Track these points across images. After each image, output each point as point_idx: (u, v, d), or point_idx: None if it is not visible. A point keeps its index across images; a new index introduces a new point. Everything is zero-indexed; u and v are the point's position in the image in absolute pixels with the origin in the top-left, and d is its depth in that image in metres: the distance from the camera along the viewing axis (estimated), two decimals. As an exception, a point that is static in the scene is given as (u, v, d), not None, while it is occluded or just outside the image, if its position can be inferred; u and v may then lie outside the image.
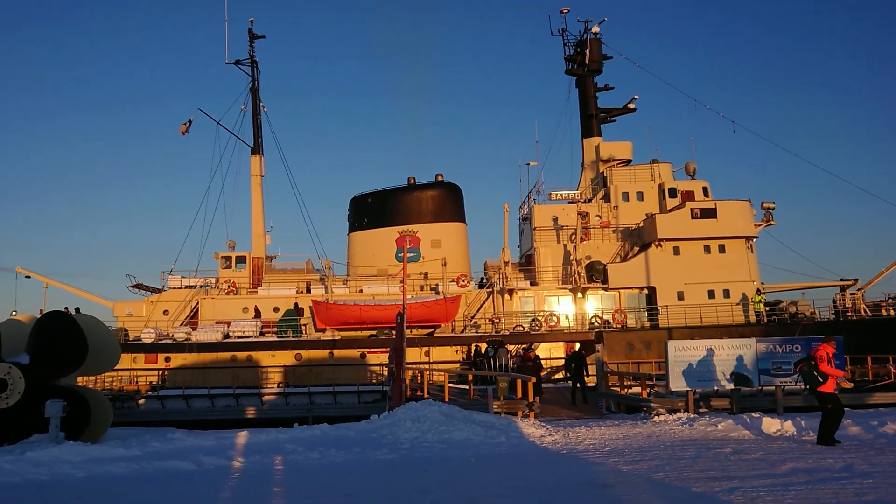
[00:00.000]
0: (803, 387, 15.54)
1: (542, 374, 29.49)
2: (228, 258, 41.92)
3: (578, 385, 27.42)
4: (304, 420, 23.15)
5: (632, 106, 48.18)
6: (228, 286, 40.53)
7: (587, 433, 16.66)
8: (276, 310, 39.66)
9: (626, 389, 25.29)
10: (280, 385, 34.74)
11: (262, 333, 38.11)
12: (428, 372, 29.84)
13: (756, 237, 41.87)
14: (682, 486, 10.11)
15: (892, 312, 40.58)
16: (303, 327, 38.76)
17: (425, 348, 37.59)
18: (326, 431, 16.05)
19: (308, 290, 41.04)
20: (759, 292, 40.45)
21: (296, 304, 38.98)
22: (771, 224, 42.59)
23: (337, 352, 37.25)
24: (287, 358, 36.88)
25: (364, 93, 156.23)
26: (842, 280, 43.06)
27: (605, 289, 40.78)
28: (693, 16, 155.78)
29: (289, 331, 38.05)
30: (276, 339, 37.64)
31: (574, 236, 41.54)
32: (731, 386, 19.02)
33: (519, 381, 21.04)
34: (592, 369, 36.11)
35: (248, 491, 10.63)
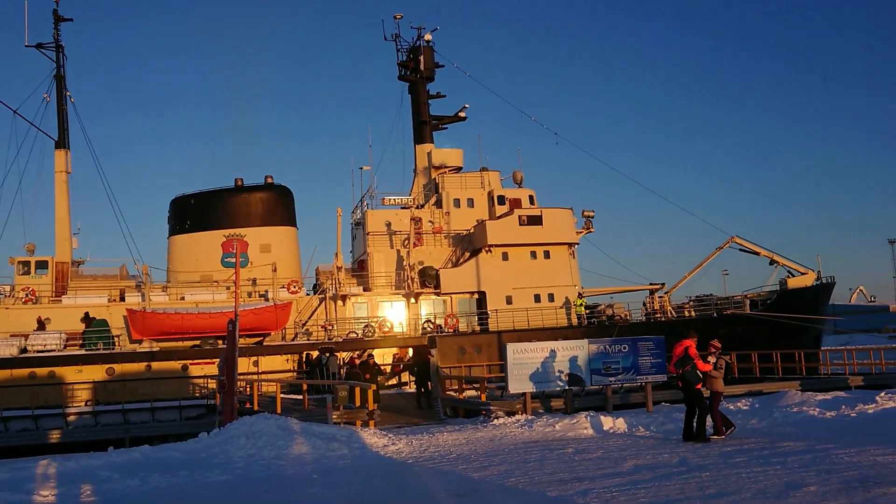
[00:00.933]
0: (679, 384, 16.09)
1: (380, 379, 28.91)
2: (26, 263, 37.40)
3: (423, 389, 27.29)
4: (120, 442, 20.89)
5: (462, 114, 49.08)
6: (26, 294, 36.15)
7: (430, 440, 16.34)
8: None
9: (462, 393, 25.38)
10: (89, 403, 31.39)
11: (65, 346, 34.33)
12: (258, 383, 28.32)
13: (577, 244, 44.07)
14: (536, 490, 9.97)
15: (693, 314, 44.28)
16: (115, 339, 35.38)
17: (254, 358, 35.72)
18: (148, 454, 14.42)
19: (122, 298, 37.60)
20: (580, 296, 42.54)
21: (86, 314, 35.14)
22: (591, 231, 45.05)
23: (155, 364, 34.33)
24: (97, 373, 33.44)
25: (187, 89, 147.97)
26: (651, 284, 46.36)
27: (438, 294, 41.04)
28: (520, 30, 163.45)
29: (99, 343, 34.56)
30: (83, 352, 34.04)
31: (407, 242, 41.45)
32: (566, 386, 19.57)
33: (358, 389, 20.35)
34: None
35: (54, 530, 9.13)
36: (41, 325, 34.77)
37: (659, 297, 44.97)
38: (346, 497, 10.50)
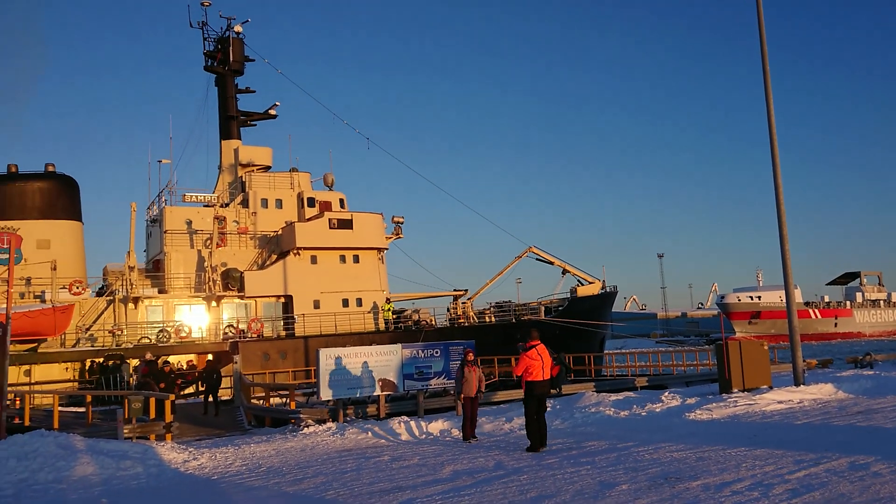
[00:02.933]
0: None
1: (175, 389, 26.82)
2: None
3: (211, 398, 25.72)
4: None
5: (273, 112, 47.47)
6: None
7: (236, 453, 15.27)
8: None
9: (268, 401, 24.25)
10: None
11: None
12: (30, 395, 25.14)
13: (387, 249, 44.20)
14: (357, 503, 9.53)
15: (493, 319, 46.16)
16: None
17: (26, 366, 31.79)
18: None
19: None
20: (388, 301, 42.66)
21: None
22: (400, 237, 45.40)
23: None
24: None
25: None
26: (455, 290, 47.70)
27: (242, 297, 39.20)
28: (336, 30, 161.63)
29: None
30: None
31: (210, 242, 39.15)
32: (379, 392, 19.29)
33: (153, 400, 18.60)
34: (227, 381, 34.36)
35: None
36: None
37: (462, 302, 46.34)
38: (143, 523, 9.38)
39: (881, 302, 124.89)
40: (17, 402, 23.89)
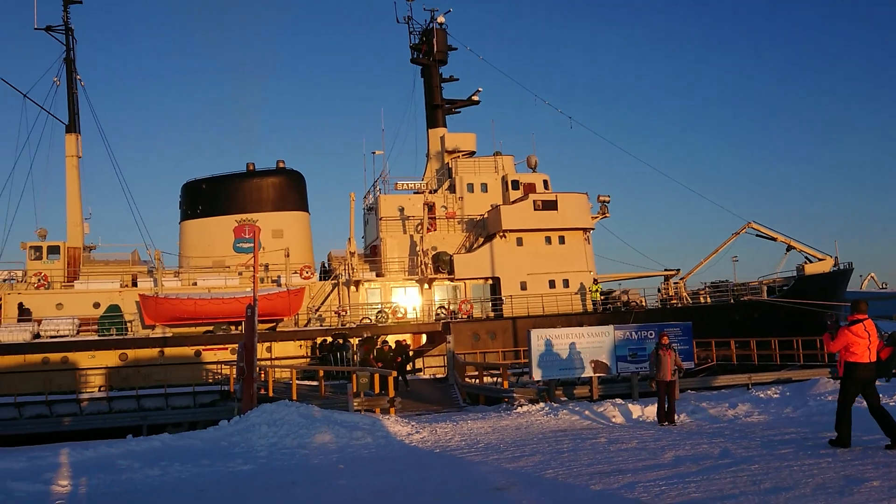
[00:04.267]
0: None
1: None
2: (38, 248, 37.10)
3: (402, 378, 27.02)
4: (136, 430, 20.55)
5: (476, 98, 48.42)
6: (39, 280, 35.87)
7: (454, 429, 15.91)
8: (97, 305, 35.66)
9: (481, 380, 24.97)
10: (102, 388, 31.15)
11: (78, 332, 34.11)
12: (272, 369, 28.01)
13: (593, 229, 43.50)
14: (578, 483, 9.52)
15: (708, 300, 43.75)
16: (128, 324, 35.12)
17: (267, 343, 35.41)
18: (168, 442, 14.05)
19: (134, 284, 37.31)
20: (595, 282, 42.02)
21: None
22: (606, 216, 44.48)
23: (168, 350, 34.08)
24: (110, 358, 33.20)
25: (198, 72, 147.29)
26: (666, 270, 45.82)
27: (451, 279, 40.61)
28: (535, 13, 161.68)
29: (112, 328, 34.32)
30: (97, 337, 33.80)
31: (420, 227, 40.96)
32: (591, 373, 19.11)
33: (377, 376, 19.93)
34: (438, 360, 35.80)
35: (76, 524, 8.73)
36: (23, 312, 34.49)
37: (674, 283, 44.46)
38: (377, 489, 10.06)
39: None
40: (262, 375, 26.70)
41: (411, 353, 30.36)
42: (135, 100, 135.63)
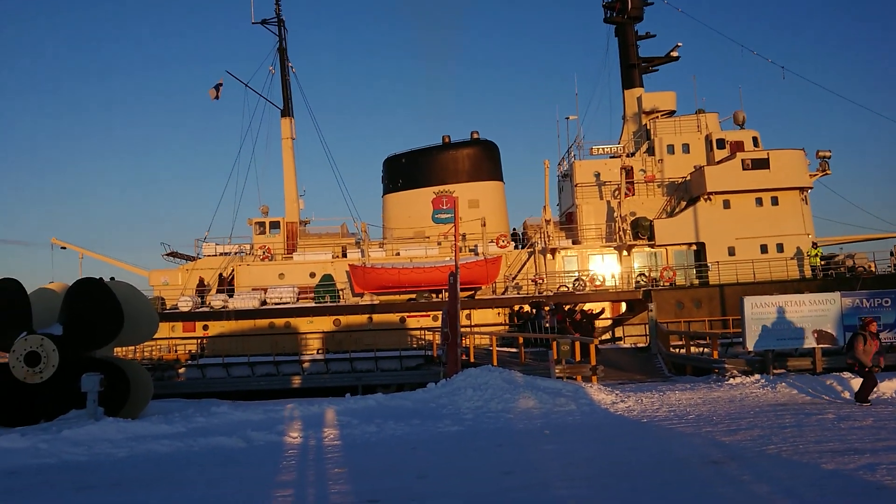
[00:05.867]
0: None
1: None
2: (262, 224, 40.89)
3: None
4: (352, 389, 22.14)
5: (675, 54, 45.75)
6: (263, 252, 39.60)
7: (661, 399, 15.35)
8: (313, 275, 38.71)
9: (688, 350, 23.89)
10: (319, 351, 33.91)
11: (298, 300, 37.29)
12: (471, 335, 28.75)
13: (811, 188, 39.73)
14: (806, 461, 8.76)
15: (954, 264, 38.41)
16: (340, 292, 37.80)
17: (466, 311, 36.37)
18: (381, 402, 14.93)
19: (344, 255, 39.96)
20: (814, 246, 38.43)
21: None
22: (827, 174, 40.37)
23: (376, 317, 36.23)
24: (325, 324, 35.96)
25: (393, 49, 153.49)
26: (901, 231, 40.90)
27: (652, 246, 39.09)
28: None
29: (326, 296, 37.11)
30: (313, 304, 36.74)
31: (617, 192, 39.74)
32: (814, 345, 17.51)
33: (578, 343, 19.73)
34: (641, 329, 34.76)
35: (307, 472, 9.52)
36: (202, 284, 37.90)
37: (910, 245, 39.50)
38: (586, 456, 9.95)
39: None
40: (464, 342, 27.53)
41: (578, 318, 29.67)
42: (339, 82, 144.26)
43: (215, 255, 40.20)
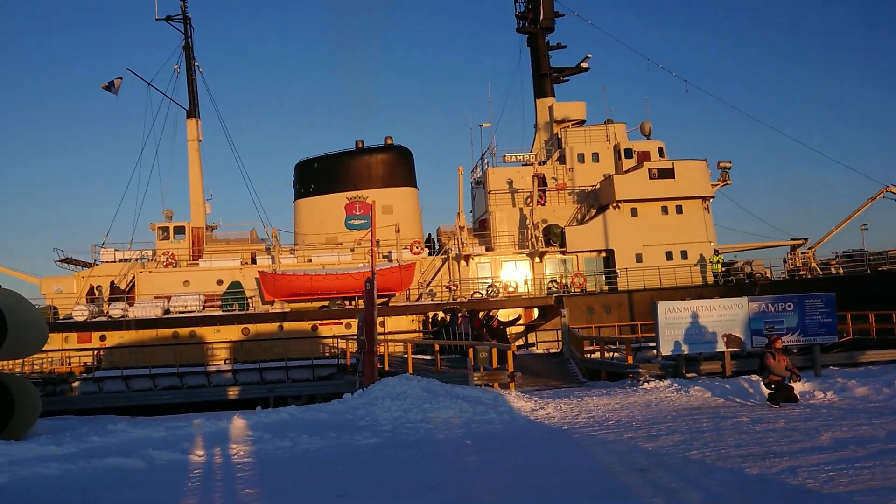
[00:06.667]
0: None
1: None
2: (166, 229, 39.03)
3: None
4: (263, 401, 21.19)
5: (585, 65, 46.79)
6: (167, 258, 37.75)
7: (579, 405, 15.33)
8: (220, 282, 37.19)
9: (602, 355, 24.19)
10: (227, 362, 32.53)
11: (204, 307, 35.71)
12: (386, 343, 28.24)
13: (713, 197, 41.31)
14: (730, 467, 8.76)
15: (841, 271, 40.73)
16: (249, 300, 36.47)
17: (380, 318, 35.77)
18: (295, 414, 14.22)
19: (253, 261, 38.64)
20: (716, 252, 39.98)
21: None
22: (727, 184, 42.05)
23: (287, 325, 35.15)
24: (234, 333, 34.59)
25: (305, 52, 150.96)
26: (792, 239, 43.04)
27: (563, 253, 39.67)
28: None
29: (234, 304, 35.72)
30: (221, 313, 35.27)
31: (530, 200, 40.17)
32: (724, 348, 17.98)
33: (494, 350, 19.57)
34: (554, 335, 35.14)
35: (215, 494, 8.82)
36: (114, 290, 36.19)
37: (802, 253, 41.65)
38: (511, 466, 9.66)
39: None
40: (378, 349, 26.97)
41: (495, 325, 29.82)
42: (248, 83, 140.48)
43: (114, 262, 38.06)
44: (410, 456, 10.70)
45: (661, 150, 42.81)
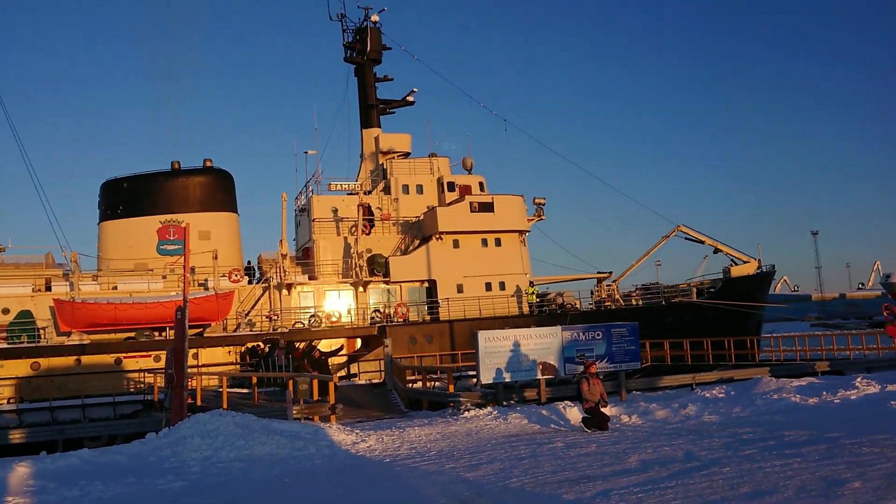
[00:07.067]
0: None
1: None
2: (-62, 250, 34.35)
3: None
4: (51, 445, 18.88)
5: (410, 98, 47.70)
6: (-60, 283, 33.13)
7: (401, 436, 15.12)
8: (6, 311, 33.17)
9: (424, 384, 24.25)
10: (12, 400, 28.90)
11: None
12: (200, 376, 26.53)
13: (528, 231, 43.38)
14: (548, 493, 8.91)
15: (640, 302, 44.25)
16: (41, 331, 32.79)
17: (194, 350, 33.65)
18: (88, 459, 12.72)
19: (48, 288, 34.89)
20: (531, 284, 41.90)
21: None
22: (542, 219, 44.42)
23: (86, 358, 31.91)
24: (21, 368, 30.87)
25: (119, 66, 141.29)
26: (599, 273, 46.15)
27: (387, 282, 39.71)
28: (469, 14, 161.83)
29: (23, 335, 31.96)
30: (6, 345, 31.40)
31: (354, 229, 39.92)
32: (540, 376, 18.63)
33: (315, 381, 18.93)
34: (376, 364, 34.95)
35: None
36: None
37: (607, 285, 44.77)
38: (330, 505, 9.20)
39: None
40: (190, 383, 25.21)
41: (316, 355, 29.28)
42: (47, 89, 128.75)
43: None
44: (218, 500, 9.88)
45: (481, 184, 44.42)
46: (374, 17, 45.95)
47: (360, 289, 39.18)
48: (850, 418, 13.60)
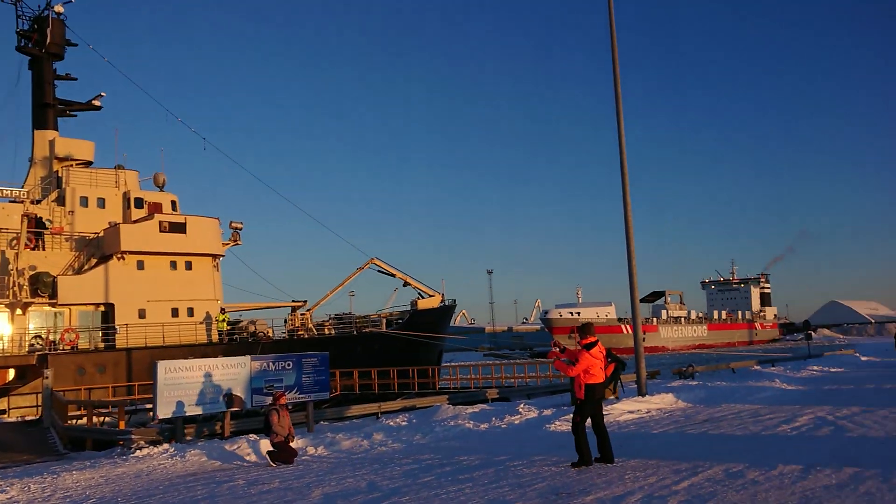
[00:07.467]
0: None
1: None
2: None
3: None
4: None
5: (97, 103, 43.33)
6: None
7: (54, 483, 13.14)
8: None
9: (90, 421, 21.57)
10: None
11: None
12: None
13: (223, 256, 41.62)
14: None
15: (333, 332, 44.92)
16: None
17: None
18: None
19: None
20: (223, 311, 40.12)
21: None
22: (238, 244, 42.93)
23: None
24: None
25: None
26: (293, 301, 45.93)
27: (53, 305, 35.09)
28: (174, 23, 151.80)
29: None
30: None
31: (16, 242, 34.78)
32: (224, 408, 17.61)
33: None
34: (33, 399, 30.73)
35: None
36: None
37: (301, 314, 44.67)
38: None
39: (682, 319, 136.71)
40: None
41: None
42: None
43: None
44: None
45: (174, 203, 41.73)
46: (59, 8, 41.25)
47: (19, 311, 34.11)
48: (515, 441, 14.95)
